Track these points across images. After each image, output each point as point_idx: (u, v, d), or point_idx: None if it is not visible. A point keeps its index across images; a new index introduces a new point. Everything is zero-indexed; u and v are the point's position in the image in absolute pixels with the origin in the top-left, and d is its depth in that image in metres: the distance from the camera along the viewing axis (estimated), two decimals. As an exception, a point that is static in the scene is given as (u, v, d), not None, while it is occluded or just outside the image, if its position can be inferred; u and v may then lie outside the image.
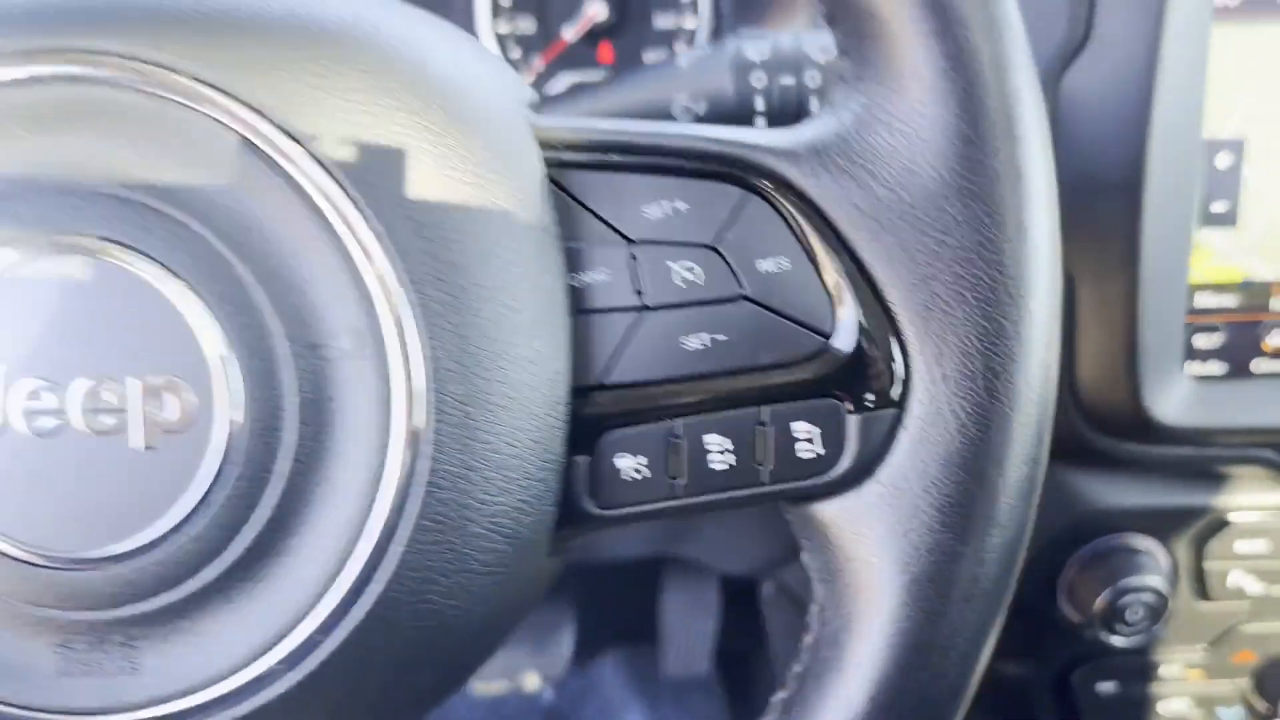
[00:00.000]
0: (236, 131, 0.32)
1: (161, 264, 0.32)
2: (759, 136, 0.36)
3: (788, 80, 0.49)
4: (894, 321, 0.35)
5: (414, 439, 0.33)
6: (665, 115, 0.50)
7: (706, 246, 0.36)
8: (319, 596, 0.33)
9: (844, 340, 0.36)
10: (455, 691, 0.39)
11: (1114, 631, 0.65)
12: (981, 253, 0.34)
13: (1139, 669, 0.68)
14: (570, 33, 0.79)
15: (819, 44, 0.49)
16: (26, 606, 0.33)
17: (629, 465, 0.37)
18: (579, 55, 0.80)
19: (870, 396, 0.36)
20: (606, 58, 0.80)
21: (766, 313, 0.36)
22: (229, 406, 0.32)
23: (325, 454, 0.33)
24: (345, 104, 0.33)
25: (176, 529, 0.32)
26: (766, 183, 0.36)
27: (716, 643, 1.37)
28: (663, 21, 0.80)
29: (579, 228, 0.36)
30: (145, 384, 0.32)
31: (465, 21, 0.79)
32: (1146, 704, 0.69)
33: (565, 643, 1.23)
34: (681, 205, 0.36)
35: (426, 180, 0.33)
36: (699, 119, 0.49)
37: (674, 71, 0.51)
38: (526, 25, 0.79)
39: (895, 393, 0.35)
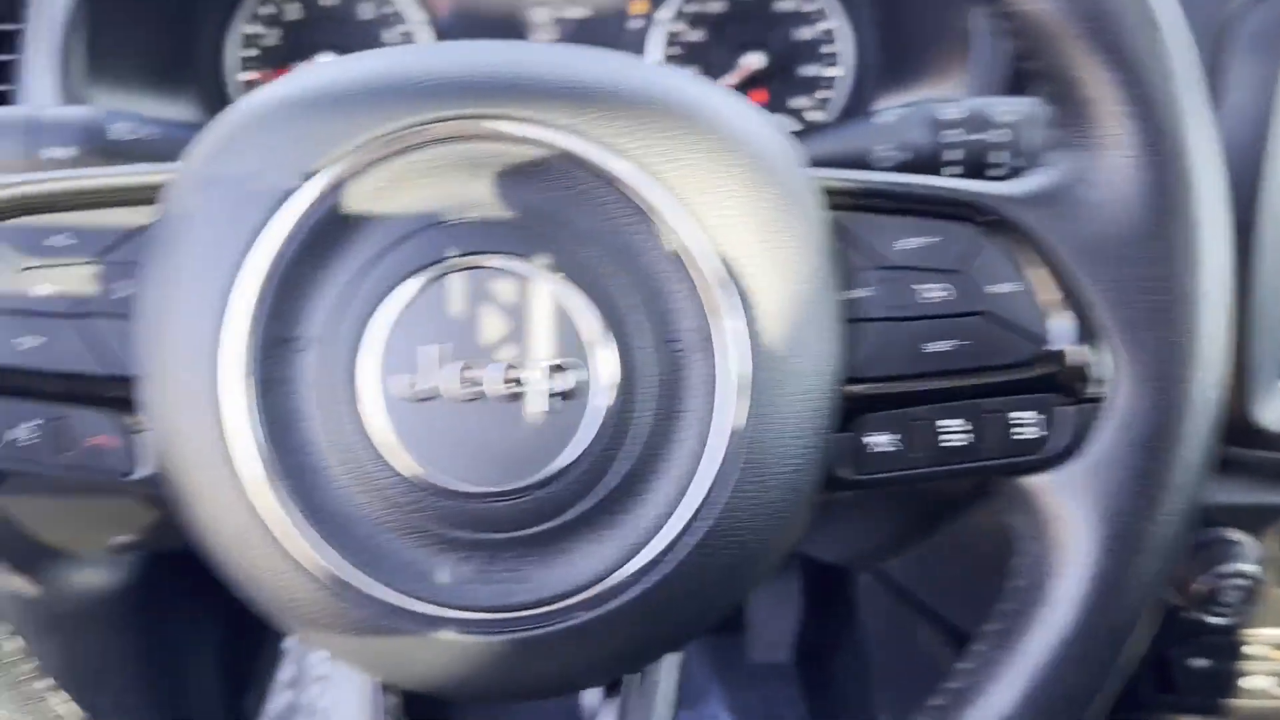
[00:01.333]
0: (623, 183, 0.43)
1: (563, 276, 0.43)
2: (991, 187, 0.47)
3: (977, 137, 0.59)
4: (1098, 333, 0.45)
5: (736, 415, 0.43)
6: (865, 164, 0.60)
7: (952, 271, 0.46)
8: (658, 530, 0.44)
9: (1059, 347, 0.46)
10: (744, 601, 0.49)
11: (1209, 612, 0.75)
12: (1171, 282, 0.44)
13: (1229, 647, 0.78)
14: (731, 79, 0.89)
15: (1002, 109, 0.60)
16: (443, 529, 0.43)
17: (881, 441, 0.47)
18: (734, 98, 0.90)
19: (1078, 391, 0.46)
20: (760, 100, 0.91)
21: (998, 324, 0.46)
22: (605, 384, 0.43)
23: (671, 423, 0.43)
24: (698, 160, 0.43)
25: (558, 475, 0.43)
26: (1001, 224, 0.46)
27: (796, 633, 1.47)
28: (808, 70, 0.90)
29: (848, 255, 0.46)
30: (544, 366, 0.42)
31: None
32: (1233, 678, 0.79)
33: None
34: (931, 239, 0.46)
35: (753, 218, 0.44)
36: (898, 166, 0.60)
37: (875, 126, 0.61)
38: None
39: (1098, 390, 0.46)
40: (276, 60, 0.89)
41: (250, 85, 0.89)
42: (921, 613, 1.11)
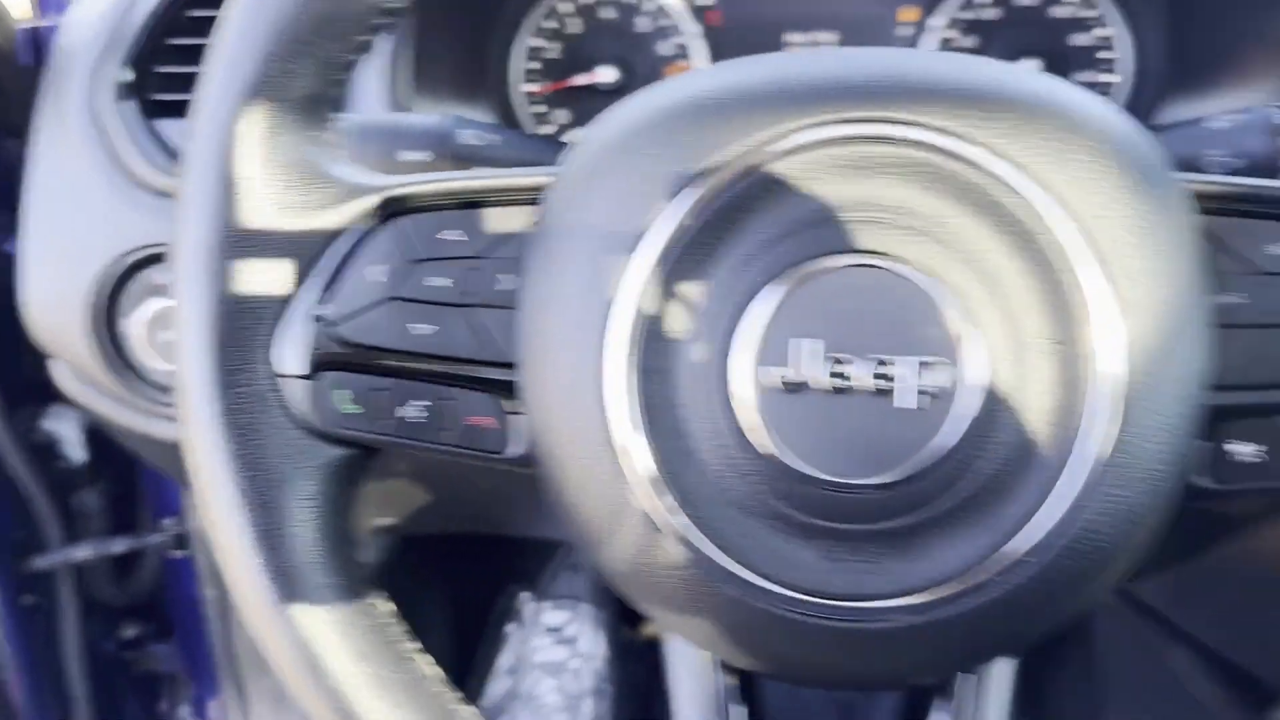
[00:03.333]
0: (1005, 184, 0.43)
1: (936, 276, 0.44)
2: None
3: (1324, 144, 0.58)
4: None
5: (1104, 421, 0.43)
6: (1197, 167, 0.59)
7: None
8: (1023, 531, 0.44)
9: None
10: (1094, 606, 0.49)
11: None
12: None
13: None
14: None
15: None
16: (804, 516, 0.45)
17: (1246, 451, 0.46)
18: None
19: None
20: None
21: None
22: (973, 384, 0.43)
23: (1038, 425, 0.44)
24: (1076, 162, 0.44)
25: (923, 471, 0.44)
26: None
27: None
28: (1083, 77, 0.89)
29: (1218, 259, 0.46)
30: (915, 362, 0.43)
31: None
32: None
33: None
34: None
35: (1130, 221, 0.44)
36: (1231, 173, 0.59)
37: (1210, 131, 0.60)
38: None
39: None
40: (558, 72, 0.93)
41: (532, 96, 0.94)
42: (1175, 637, 1.06)
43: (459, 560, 1.50)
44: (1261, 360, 0.46)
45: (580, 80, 0.93)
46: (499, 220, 0.49)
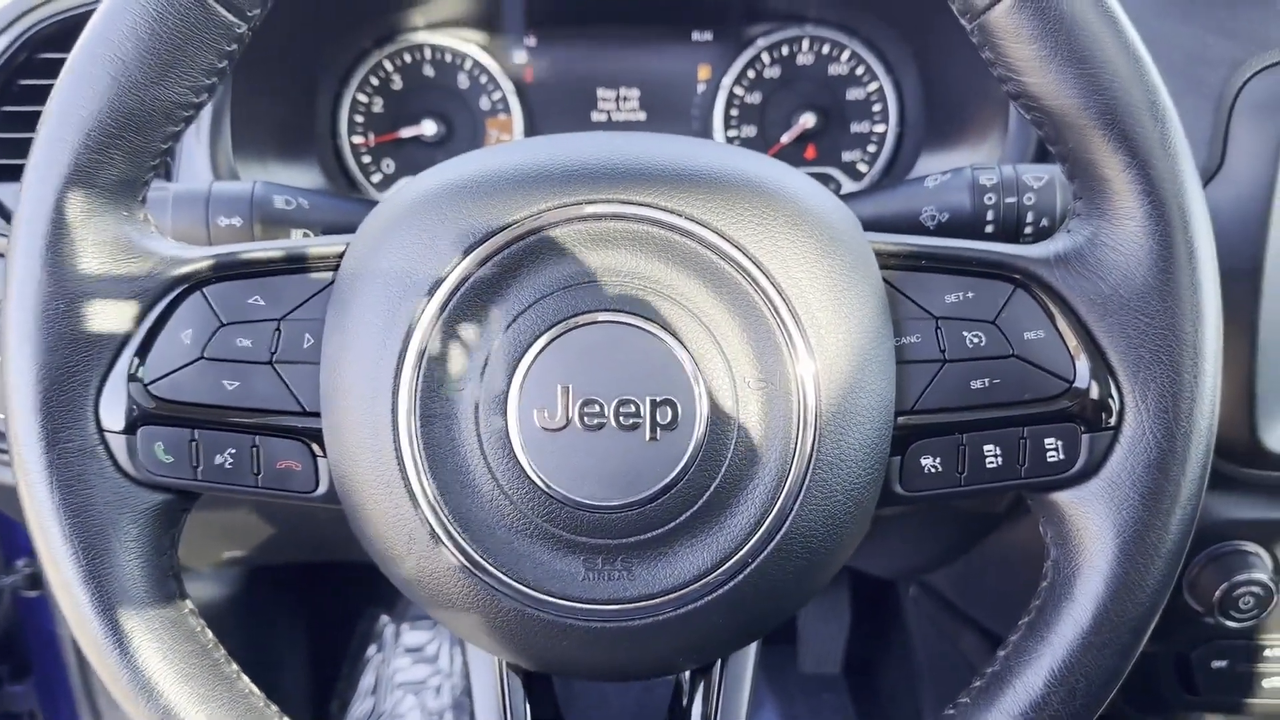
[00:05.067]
0: (716, 251, 0.53)
1: (665, 328, 0.52)
2: (1021, 250, 0.56)
3: (1011, 200, 0.69)
4: (1113, 372, 0.54)
5: (806, 443, 0.53)
6: (915, 220, 0.70)
7: (989, 322, 0.55)
8: (748, 537, 0.53)
9: (1080, 385, 0.55)
10: (813, 596, 0.58)
11: (1228, 617, 0.83)
12: (1173, 331, 0.53)
13: (1246, 650, 0.86)
14: (786, 136, 0.99)
15: (1033, 174, 0.69)
16: (567, 534, 0.53)
17: (931, 463, 0.56)
18: (790, 155, 1.01)
19: (1096, 421, 0.55)
20: (811, 155, 1.01)
21: (1028, 365, 0.55)
22: (699, 418, 0.52)
23: (753, 450, 0.53)
24: (776, 233, 0.53)
25: (661, 492, 0.52)
26: (1029, 281, 0.55)
27: (845, 645, 1.55)
28: (858, 127, 1.00)
29: (900, 307, 0.56)
30: (649, 402, 0.52)
31: (704, 129, 1.00)
32: (1253, 679, 0.87)
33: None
34: (970, 294, 0.56)
35: (820, 279, 0.53)
36: (942, 225, 0.69)
37: (922, 189, 0.71)
38: (750, 131, 1.00)
39: (1113, 420, 0.55)
40: (383, 126, 1.00)
41: (359, 148, 1.00)
42: (964, 621, 1.19)
43: (317, 587, 1.54)
44: (938, 389, 0.56)
45: (405, 133, 1.00)
46: (298, 286, 0.56)
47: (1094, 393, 0.55)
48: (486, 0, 0.98)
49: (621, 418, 0.52)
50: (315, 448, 0.56)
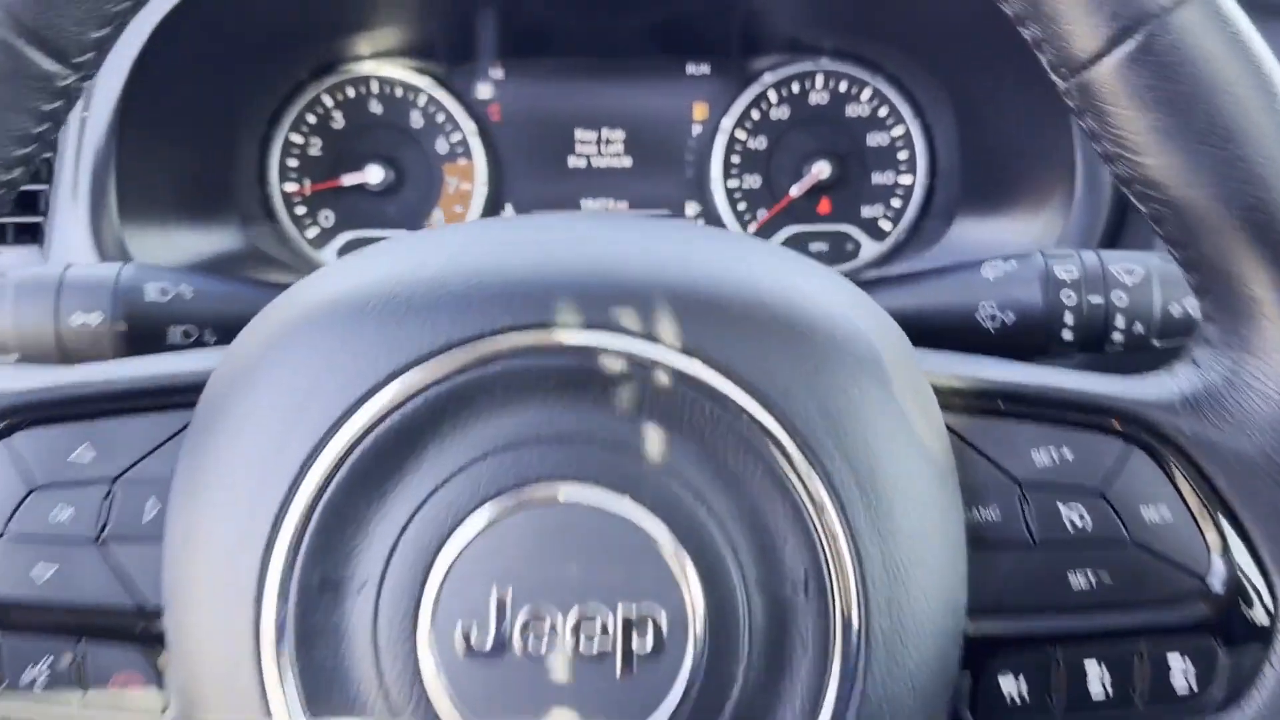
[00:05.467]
0: (724, 403, 0.37)
1: (648, 506, 0.37)
2: (1131, 389, 0.41)
3: (1096, 299, 0.54)
4: (1264, 566, 0.39)
5: (847, 668, 0.37)
6: (970, 318, 0.55)
7: (1096, 494, 0.40)
8: None
9: (1219, 583, 0.40)
10: None
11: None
12: None
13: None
14: (796, 189, 0.85)
15: (1123, 265, 0.54)
16: None
17: (1010, 686, 0.41)
18: (800, 209, 0.86)
19: (1241, 632, 0.40)
20: (825, 210, 0.86)
21: (1149, 555, 0.40)
22: (694, 638, 0.37)
23: (770, 684, 0.38)
24: (803, 379, 0.38)
25: None
26: (1148, 435, 0.40)
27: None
28: (881, 178, 0.85)
29: (971, 468, 0.41)
30: (627, 614, 0.37)
31: (700, 177, 0.85)
32: None
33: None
34: (1068, 453, 0.41)
35: (861, 437, 0.38)
36: (1006, 328, 0.54)
37: (978, 278, 0.56)
38: (753, 181, 0.86)
39: (1265, 629, 0.40)
40: (321, 171, 0.85)
41: (292, 197, 0.85)
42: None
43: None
44: (1024, 583, 0.41)
45: (348, 180, 0.85)
46: (142, 430, 0.41)
47: (1238, 593, 0.40)
48: (444, 25, 0.83)
49: (583, 639, 0.37)
50: (158, 656, 0.41)
